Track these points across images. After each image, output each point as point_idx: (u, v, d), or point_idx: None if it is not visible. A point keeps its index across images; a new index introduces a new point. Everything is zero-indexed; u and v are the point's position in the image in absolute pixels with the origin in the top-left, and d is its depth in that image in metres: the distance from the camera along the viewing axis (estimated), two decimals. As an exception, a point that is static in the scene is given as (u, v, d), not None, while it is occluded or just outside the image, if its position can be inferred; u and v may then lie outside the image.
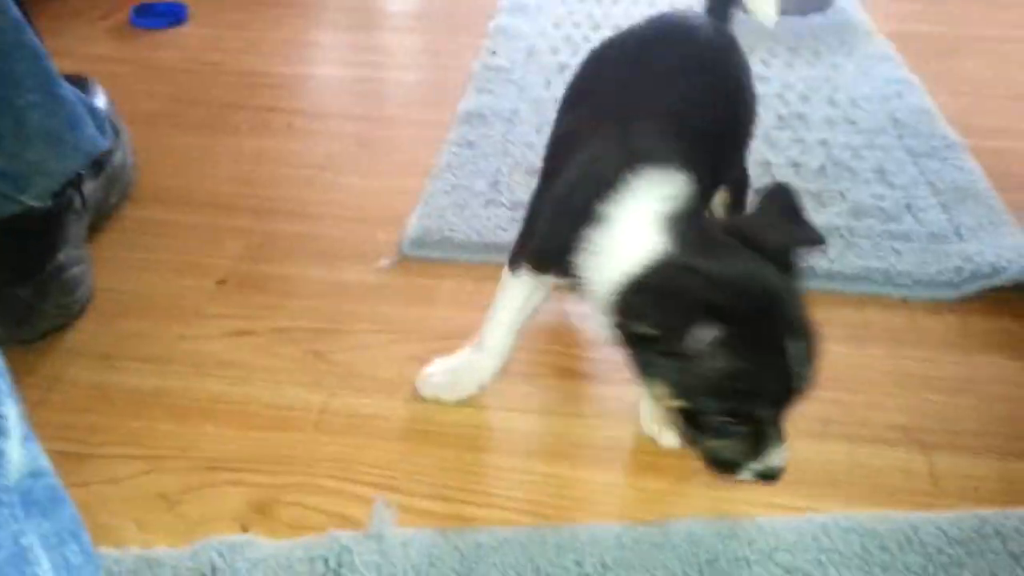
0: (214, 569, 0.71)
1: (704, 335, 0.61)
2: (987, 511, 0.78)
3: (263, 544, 0.74)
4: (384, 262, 1.11)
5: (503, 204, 1.21)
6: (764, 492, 0.80)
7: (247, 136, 1.43)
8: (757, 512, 0.78)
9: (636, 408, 0.89)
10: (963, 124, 1.41)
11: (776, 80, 1.57)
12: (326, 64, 1.75)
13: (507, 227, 1.15)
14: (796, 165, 1.30)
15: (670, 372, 0.64)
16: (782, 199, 0.72)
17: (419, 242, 1.13)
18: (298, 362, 0.96)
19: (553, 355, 0.98)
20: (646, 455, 0.85)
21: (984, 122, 1.45)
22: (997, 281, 1.05)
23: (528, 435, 0.87)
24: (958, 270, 1.06)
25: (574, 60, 1.63)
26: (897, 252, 1.10)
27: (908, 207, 1.20)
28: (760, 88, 1.52)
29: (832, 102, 1.48)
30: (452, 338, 0.99)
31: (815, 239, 0.69)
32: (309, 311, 1.04)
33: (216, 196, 1.25)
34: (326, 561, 0.72)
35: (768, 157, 1.31)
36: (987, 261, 1.06)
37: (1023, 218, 1.18)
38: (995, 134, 1.40)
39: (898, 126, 1.40)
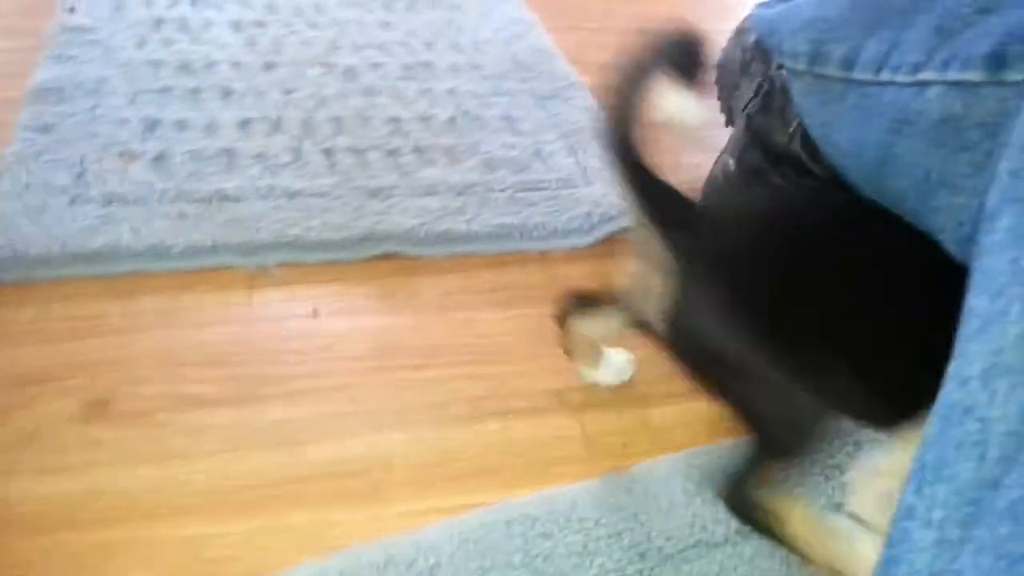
0: None
1: None
2: (637, 466, 0.78)
3: None
4: (-68, 298, 0.88)
5: (93, 199, 1.01)
6: (421, 498, 0.74)
7: None
8: (416, 523, 0.72)
9: (267, 432, 0.79)
10: (580, 61, 1.43)
11: (400, 26, 1.48)
12: None
13: (99, 228, 0.96)
14: (426, 119, 1.23)
15: None
16: None
17: (-20, 265, 0.91)
18: None
19: (170, 383, 0.83)
20: (289, 485, 0.74)
21: (598, 57, 1.48)
22: (625, 222, 1.07)
23: (140, 493, 0.73)
24: (588, 215, 1.06)
25: (171, 12, 1.43)
26: (531, 203, 1.08)
27: (537, 153, 1.18)
28: (384, 35, 1.45)
29: (457, 47, 1.43)
30: (37, 383, 0.81)
31: None
32: None
33: None
34: None
35: (397, 112, 1.23)
36: (613, 203, 1.08)
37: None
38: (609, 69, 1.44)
39: (521, 68, 1.38)
